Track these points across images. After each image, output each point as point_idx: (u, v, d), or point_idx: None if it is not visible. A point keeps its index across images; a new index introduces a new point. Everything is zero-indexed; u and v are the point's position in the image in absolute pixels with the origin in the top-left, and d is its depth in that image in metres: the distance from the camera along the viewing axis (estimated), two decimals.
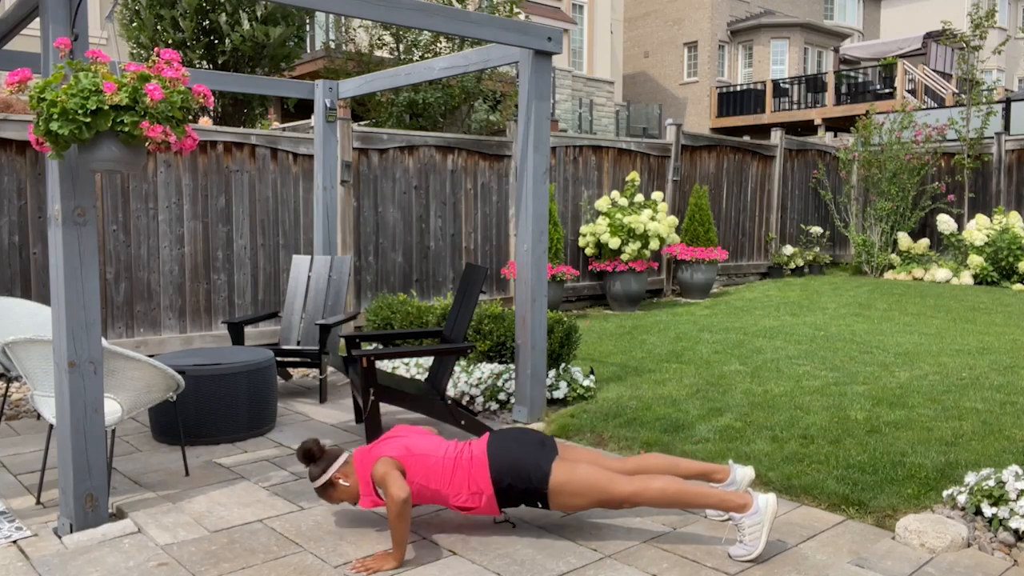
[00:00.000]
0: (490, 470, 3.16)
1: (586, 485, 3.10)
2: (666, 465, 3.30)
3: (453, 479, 3.18)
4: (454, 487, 3.18)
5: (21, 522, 3.47)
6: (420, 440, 3.30)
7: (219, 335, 6.99)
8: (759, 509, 3.03)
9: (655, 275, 10.35)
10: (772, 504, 3.04)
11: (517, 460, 3.16)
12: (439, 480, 3.19)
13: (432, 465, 3.20)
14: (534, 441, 3.25)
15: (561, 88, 23.32)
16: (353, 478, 3.26)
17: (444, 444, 3.30)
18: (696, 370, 6.03)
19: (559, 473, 3.12)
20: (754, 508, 3.03)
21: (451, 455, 3.24)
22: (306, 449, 3.27)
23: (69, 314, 3.28)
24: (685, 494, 3.06)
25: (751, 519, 3.02)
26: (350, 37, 13.18)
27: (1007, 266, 11.05)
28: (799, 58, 27.60)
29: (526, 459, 3.16)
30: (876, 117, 12.75)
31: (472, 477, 3.18)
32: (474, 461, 3.20)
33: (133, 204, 6.62)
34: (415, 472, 3.18)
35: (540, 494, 3.13)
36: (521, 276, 5.02)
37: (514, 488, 3.15)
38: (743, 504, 3.04)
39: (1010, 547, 3.11)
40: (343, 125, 7.50)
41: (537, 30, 4.66)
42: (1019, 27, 32.20)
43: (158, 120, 3.03)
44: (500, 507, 3.22)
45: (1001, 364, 6.09)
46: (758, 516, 3.02)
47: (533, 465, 3.14)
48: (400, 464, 3.17)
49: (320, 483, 3.27)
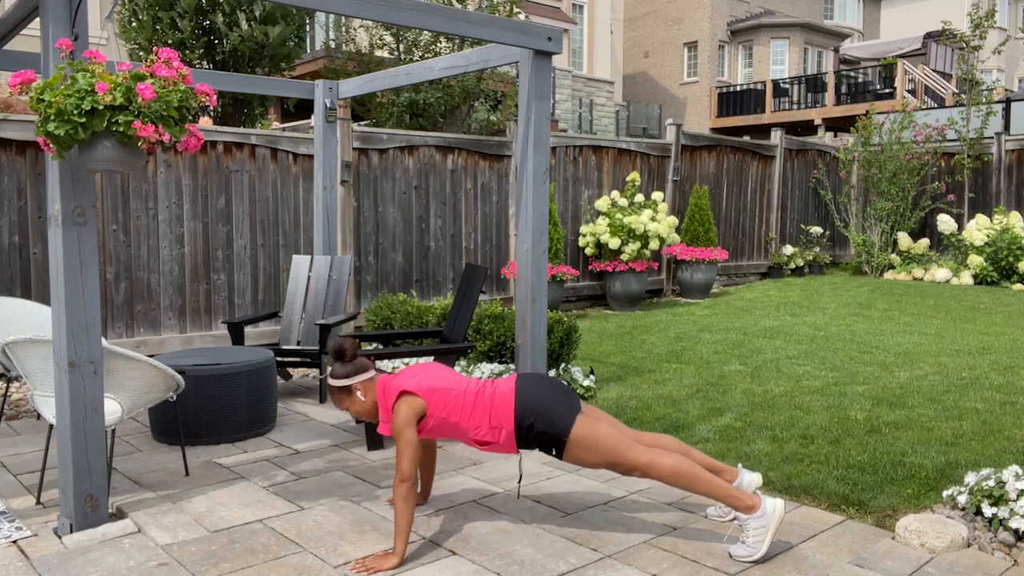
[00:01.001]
0: (515, 406, 3.15)
1: (605, 443, 3.09)
2: (680, 447, 3.31)
3: (474, 412, 3.19)
4: (474, 420, 3.19)
5: (21, 522, 3.47)
6: (442, 373, 3.30)
7: (219, 335, 6.99)
8: (766, 512, 3.02)
9: (655, 275, 10.35)
10: (780, 509, 3.03)
11: (545, 402, 3.15)
12: (459, 412, 3.19)
13: (453, 398, 3.20)
14: (563, 389, 3.25)
15: (561, 88, 23.31)
16: (371, 396, 3.26)
17: (466, 379, 3.32)
18: (696, 370, 6.03)
19: (581, 425, 3.11)
20: (761, 511, 3.02)
21: (473, 389, 3.25)
22: (340, 346, 3.26)
23: (69, 314, 3.27)
24: (696, 479, 3.04)
25: (757, 521, 3.02)
26: (350, 37, 13.17)
27: (1007, 266, 11.05)
28: (799, 58, 27.60)
29: (554, 404, 3.15)
30: (876, 117, 12.75)
31: (494, 411, 3.17)
32: (498, 395, 3.20)
33: (133, 204, 6.62)
34: (435, 406, 3.18)
35: (559, 441, 3.12)
36: (521, 276, 5.03)
37: (535, 429, 3.13)
38: (751, 505, 3.03)
39: (1010, 547, 3.11)
40: (343, 125, 7.50)
41: (537, 30, 4.66)
42: (1019, 27, 32.20)
43: (151, 119, 3.02)
44: (518, 446, 3.21)
45: (1001, 364, 6.09)
46: (764, 519, 3.01)
47: (559, 411, 3.13)
48: (422, 401, 3.16)
49: (340, 384, 3.25)
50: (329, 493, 3.81)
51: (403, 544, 3.03)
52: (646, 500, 3.70)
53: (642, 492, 3.81)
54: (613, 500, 3.71)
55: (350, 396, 3.27)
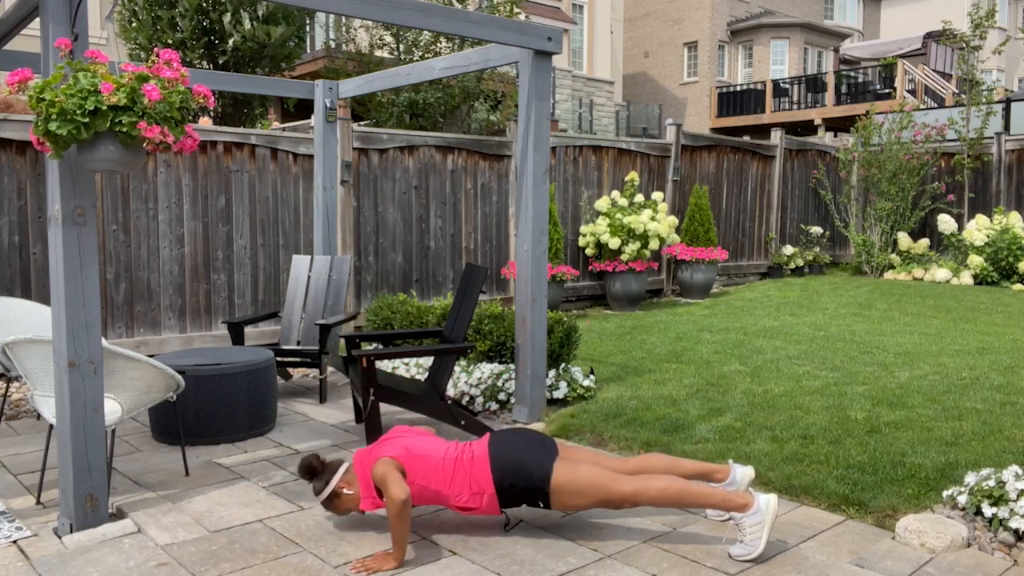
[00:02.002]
0: (491, 469, 3.16)
1: (587, 484, 3.10)
2: (667, 465, 3.30)
3: (454, 479, 3.18)
4: (455, 487, 3.18)
5: (21, 522, 3.47)
6: (420, 441, 3.30)
7: (219, 335, 6.99)
8: (760, 509, 3.03)
9: (655, 275, 10.35)
10: (773, 504, 3.04)
11: (519, 459, 3.16)
12: (440, 481, 3.18)
13: (433, 466, 3.20)
14: (535, 441, 3.25)
15: (561, 88, 23.31)
16: (356, 485, 3.26)
17: (444, 444, 3.30)
18: (696, 370, 6.03)
19: (560, 472, 3.12)
20: (755, 508, 3.03)
21: (451, 455, 3.23)
22: (307, 465, 3.27)
23: (69, 314, 3.28)
24: (686, 494, 3.06)
25: (752, 519, 3.02)
26: (350, 37, 13.18)
27: (1007, 266, 11.05)
28: (799, 58, 27.60)
29: (528, 458, 3.16)
30: (876, 117, 12.75)
31: (473, 477, 3.18)
32: (475, 461, 3.20)
33: (133, 204, 6.62)
34: (415, 473, 3.18)
35: (542, 493, 3.13)
36: (521, 276, 5.02)
37: (515, 487, 3.15)
38: (744, 504, 3.04)
39: (1010, 547, 3.11)
40: (343, 125, 7.50)
41: (537, 30, 4.66)
42: (1019, 27, 32.20)
43: (156, 120, 3.03)
44: (501, 507, 3.22)
45: (1001, 364, 6.09)
46: (759, 516, 3.02)
47: (535, 464, 3.14)
48: (400, 464, 3.17)
49: (324, 496, 3.27)
50: None
51: (402, 551, 3.03)
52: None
53: None
54: None
55: (340, 498, 3.27)
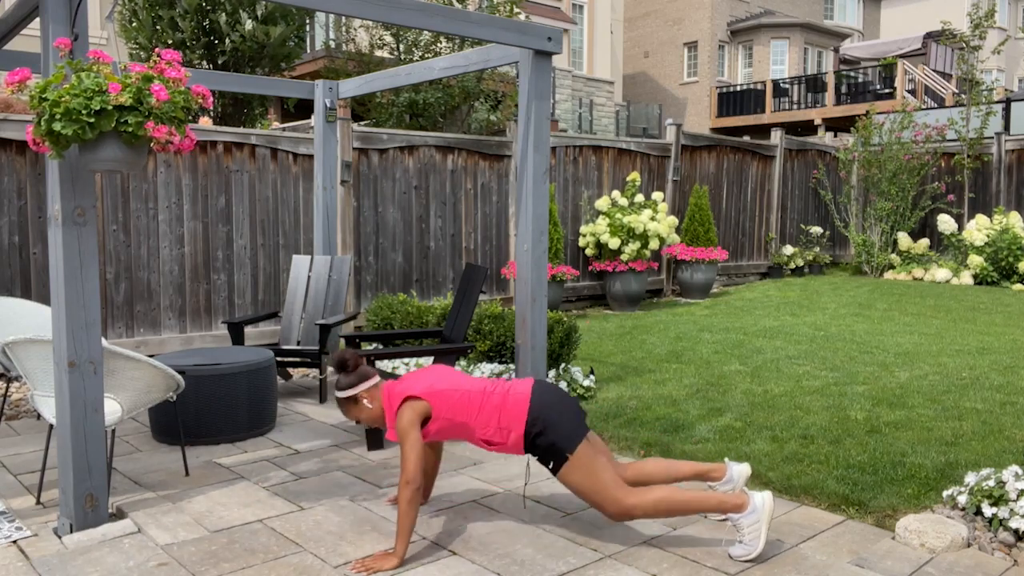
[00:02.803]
0: (529, 410, 3.14)
1: (601, 475, 3.08)
2: (664, 469, 3.26)
3: (482, 411, 3.18)
4: (482, 419, 3.18)
5: (21, 522, 3.47)
6: (445, 374, 3.30)
7: (219, 335, 6.99)
8: (756, 508, 3.03)
9: (655, 275, 10.35)
10: (769, 502, 3.04)
11: (558, 416, 3.14)
12: (466, 412, 3.18)
13: (458, 399, 3.20)
14: (577, 407, 3.24)
15: (561, 88, 23.31)
16: (377, 403, 3.28)
17: (472, 379, 3.31)
18: (696, 370, 6.03)
19: (584, 452, 3.10)
20: (751, 507, 3.03)
21: (479, 387, 3.24)
22: (342, 358, 3.28)
23: (69, 314, 3.27)
24: (682, 503, 3.06)
25: (749, 518, 3.03)
26: (350, 37, 13.18)
27: (1007, 266, 11.05)
28: (799, 58, 27.60)
29: (568, 417, 3.14)
30: (876, 117, 12.75)
31: (505, 412, 3.16)
32: (511, 397, 3.19)
33: (133, 204, 6.62)
34: (440, 408, 3.17)
35: (562, 456, 3.10)
36: (521, 276, 5.02)
37: (542, 438, 3.12)
38: (740, 504, 3.04)
39: (1010, 547, 3.11)
40: (343, 125, 7.50)
41: (537, 30, 4.66)
42: (1019, 27, 32.20)
43: (163, 120, 3.03)
44: (524, 451, 3.21)
45: (1001, 364, 6.09)
46: (756, 515, 3.02)
47: (571, 426, 3.12)
48: (427, 407, 3.16)
49: (345, 395, 3.27)
50: (329, 493, 3.81)
51: (404, 545, 3.03)
52: None
53: None
54: None
55: (357, 405, 3.28)
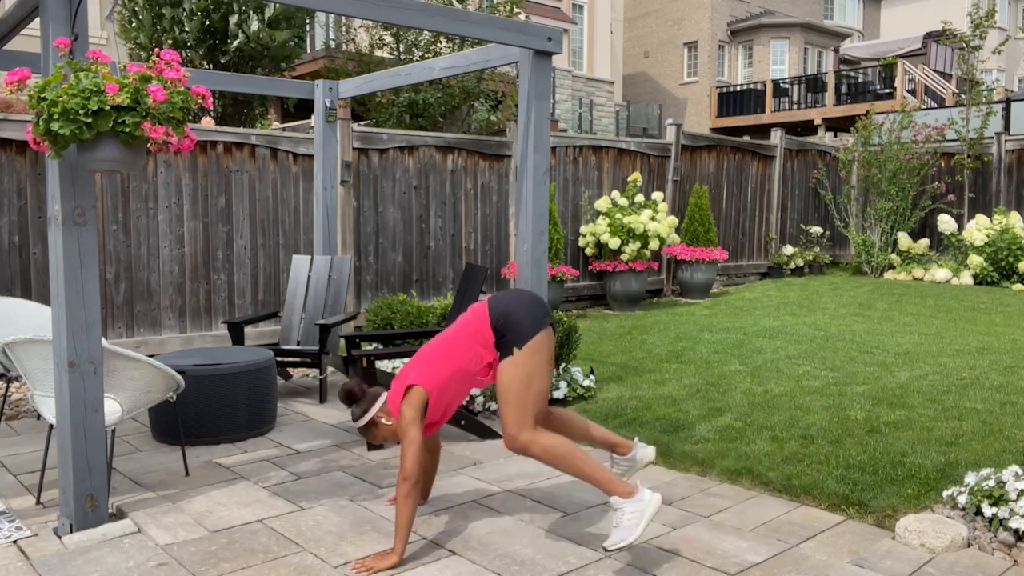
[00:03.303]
0: (490, 319, 3.19)
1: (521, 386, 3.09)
2: (580, 425, 3.37)
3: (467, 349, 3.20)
4: (470, 354, 3.19)
5: (21, 522, 3.47)
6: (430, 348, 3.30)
7: (219, 335, 6.99)
8: (643, 499, 2.99)
9: (655, 275, 10.35)
10: (657, 501, 3.00)
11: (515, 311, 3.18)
12: (456, 357, 3.20)
13: (444, 351, 3.21)
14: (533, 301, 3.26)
15: (561, 88, 23.31)
16: (392, 417, 3.27)
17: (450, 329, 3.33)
18: (696, 370, 6.03)
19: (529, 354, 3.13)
20: (639, 496, 2.99)
21: (452, 332, 3.27)
22: (348, 390, 3.29)
23: (69, 314, 3.27)
24: (573, 459, 3.03)
25: (634, 505, 2.97)
26: (350, 37, 13.18)
27: (1007, 266, 11.05)
28: (799, 58, 27.60)
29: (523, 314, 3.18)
30: (876, 117, 12.75)
31: (478, 334, 3.20)
32: (474, 315, 3.24)
33: (133, 204, 6.62)
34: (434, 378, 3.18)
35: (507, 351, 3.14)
36: (521, 276, 5.02)
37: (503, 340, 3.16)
38: (628, 492, 3.00)
39: (1010, 547, 3.11)
40: (343, 125, 7.50)
41: (537, 30, 4.66)
42: (1019, 27, 32.20)
43: (160, 121, 3.03)
44: None
45: (1001, 364, 6.09)
46: (641, 505, 2.97)
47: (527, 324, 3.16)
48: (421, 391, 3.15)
49: (363, 423, 3.27)
50: (329, 493, 3.81)
51: (403, 543, 3.03)
52: None
53: None
54: None
55: (377, 427, 3.28)
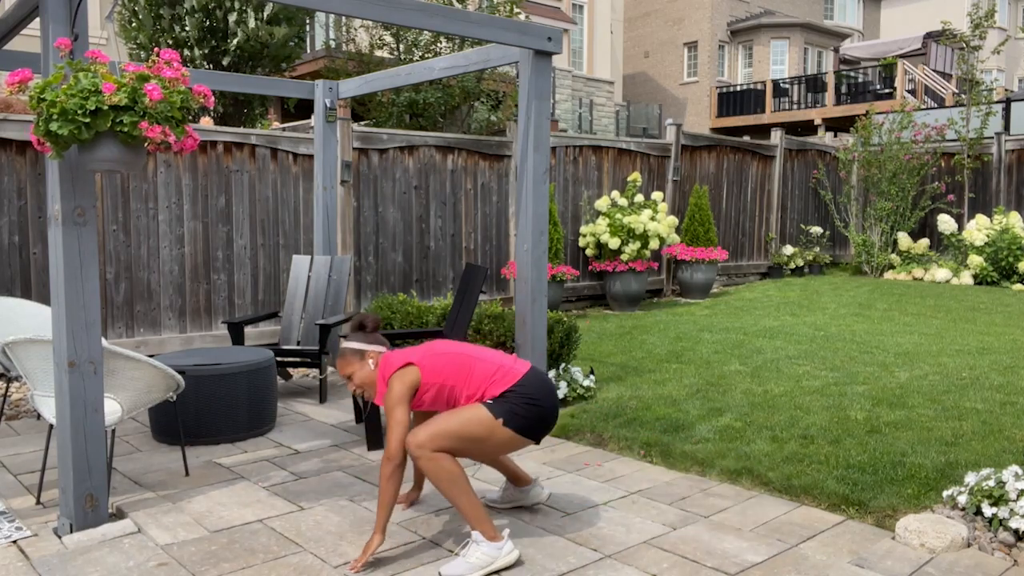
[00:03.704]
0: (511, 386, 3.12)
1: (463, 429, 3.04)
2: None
3: (472, 377, 3.15)
4: (472, 384, 3.14)
5: (21, 522, 3.47)
6: (444, 343, 3.28)
7: (219, 335, 6.99)
8: (499, 548, 2.97)
9: (655, 275, 10.35)
10: (512, 557, 3.00)
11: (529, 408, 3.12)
12: (457, 376, 3.15)
13: (450, 362, 3.17)
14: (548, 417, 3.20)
15: (561, 88, 23.31)
16: (376, 370, 3.23)
17: (469, 346, 3.29)
18: (696, 370, 6.03)
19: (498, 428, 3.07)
20: (499, 544, 2.98)
21: (473, 353, 3.22)
22: (361, 320, 3.28)
23: (69, 314, 3.28)
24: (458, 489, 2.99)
25: (489, 548, 2.96)
26: (350, 37, 13.18)
27: (1007, 266, 11.05)
28: (799, 58, 27.60)
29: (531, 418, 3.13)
30: (876, 117, 12.75)
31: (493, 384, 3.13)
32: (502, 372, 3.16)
33: (133, 204, 6.62)
34: (432, 373, 3.14)
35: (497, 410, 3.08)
36: (521, 276, 5.02)
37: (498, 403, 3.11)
38: (494, 535, 2.99)
39: (1010, 547, 3.11)
40: (343, 125, 7.50)
41: (537, 30, 4.66)
42: (1019, 27, 32.20)
43: (157, 120, 3.03)
44: None
45: (1001, 364, 6.09)
46: (495, 552, 2.96)
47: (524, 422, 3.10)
48: (416, 372, 3.12)
49: (354, 346, 3.22)
50: (329, 493, 3.81)
51: (383, 519, 3.00)
52: (646, 500, 3.71)
53: (642, 492, 3.81)
54: (613, 500, 3.71)
55: (361, 360, 3.22)
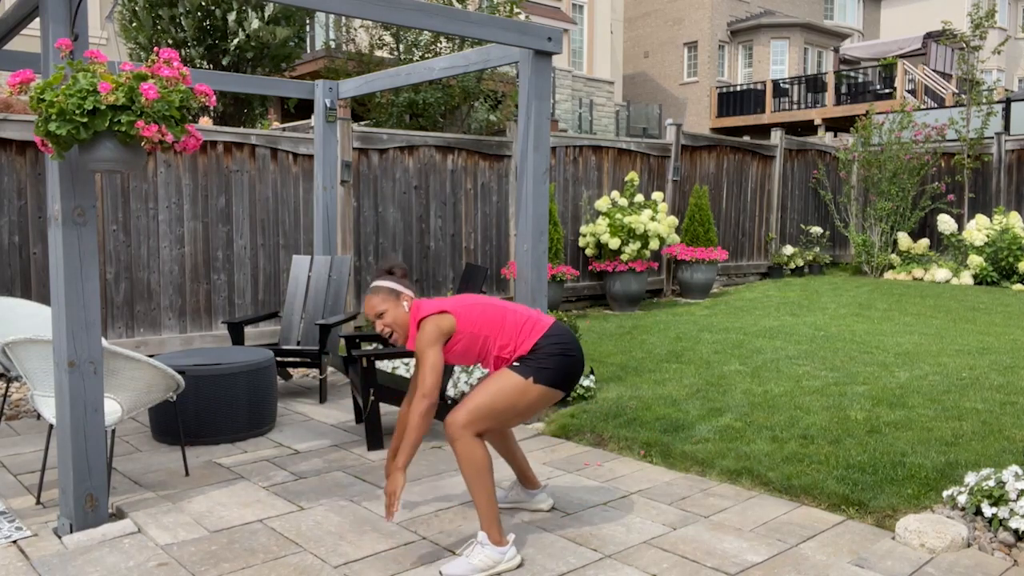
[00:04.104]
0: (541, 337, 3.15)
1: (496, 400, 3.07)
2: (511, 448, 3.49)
3: (504, 328, 3.17)
4: (504, 335, 3.15)
5: (21, 522, 3.47)
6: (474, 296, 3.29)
7: (219, 335, 6.99)
8: (505, 553, 2.99)
9: (655, 275, 10.35)
10: (515, 563, 3.01)
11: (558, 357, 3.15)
12: (490, 326, 3.16)
13: (483, 312, 3.18)
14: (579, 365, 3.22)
15: (561, 88, 23.31)
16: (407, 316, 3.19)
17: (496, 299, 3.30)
18: (696, 370, 6.03)
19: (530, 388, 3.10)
20: (503, 549, 2.99)
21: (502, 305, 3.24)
22: (390, 265, 3.28)
23: (69, 314, 3.28)
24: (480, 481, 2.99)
25: (493, 552, 2.97)
26: (350, 37, 13.18)
27: (1007, 266, 11.05)
28: (799, 58, 27.60)
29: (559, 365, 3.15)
30: (876, 117, 12.74)
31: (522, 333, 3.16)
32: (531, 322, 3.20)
33: (133, 204, 6.62)
34: (465, 322, 3.14)
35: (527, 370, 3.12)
36: (521, 276, 5.02)
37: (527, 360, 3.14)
38: (499, 539, 3.00)
39: (1010, 547, 3.11)
40: (343, 125, 7.50)
41: (537, 30, 4.66)
42: (1019, 27, 32.21)
43: (153, 120, 3.03)
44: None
45: (1001, 364, 6.09)
46: (498, 556, 2.97)
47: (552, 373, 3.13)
48: (451, 319, 3.12)
49: (389, 285, 3.19)
50: (329, 493, 3.81)
51: (407, 457, 2.95)
52: (646, 500, 3.71)
53: (642, 492, 3.81)
54: (613, 500, 3.71)
55: (396, 300, 3.17)
